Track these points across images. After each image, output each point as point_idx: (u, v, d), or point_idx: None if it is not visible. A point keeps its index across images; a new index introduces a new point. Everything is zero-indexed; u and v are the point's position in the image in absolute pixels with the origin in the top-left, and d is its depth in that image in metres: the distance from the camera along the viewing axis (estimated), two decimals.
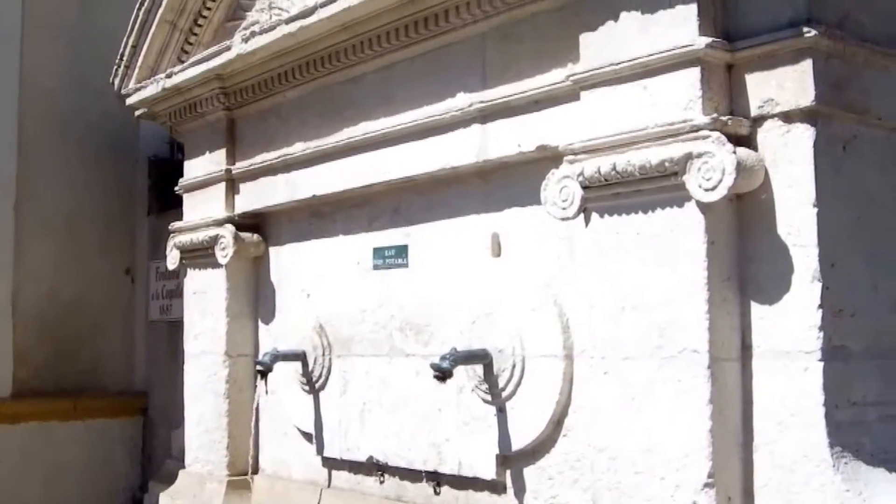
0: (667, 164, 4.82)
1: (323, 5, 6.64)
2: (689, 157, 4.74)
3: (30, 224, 10.78)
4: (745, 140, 4.84)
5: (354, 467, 7.18)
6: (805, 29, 4.64)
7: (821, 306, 4.61)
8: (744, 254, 4.89)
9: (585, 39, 5.34)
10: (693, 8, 4.89)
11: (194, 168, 8.59)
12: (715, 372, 4.77)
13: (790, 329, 4.69)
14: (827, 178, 4.72)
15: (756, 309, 4.83)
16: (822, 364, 4.60)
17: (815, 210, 4.66)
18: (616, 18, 5.19)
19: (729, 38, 4.92)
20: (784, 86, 4.75)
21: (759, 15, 4.89)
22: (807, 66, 4.69)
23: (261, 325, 8.19)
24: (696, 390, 4.78)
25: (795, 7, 4.75)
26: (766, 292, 4.80)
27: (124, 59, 8.79)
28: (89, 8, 11.24)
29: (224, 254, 7.95)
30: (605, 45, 5.23)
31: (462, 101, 6.13)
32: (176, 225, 8.63)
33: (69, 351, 11.04)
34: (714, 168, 4.65)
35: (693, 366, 4.79)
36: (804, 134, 4.72)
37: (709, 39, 4.83)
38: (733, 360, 4.85)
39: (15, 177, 10.72)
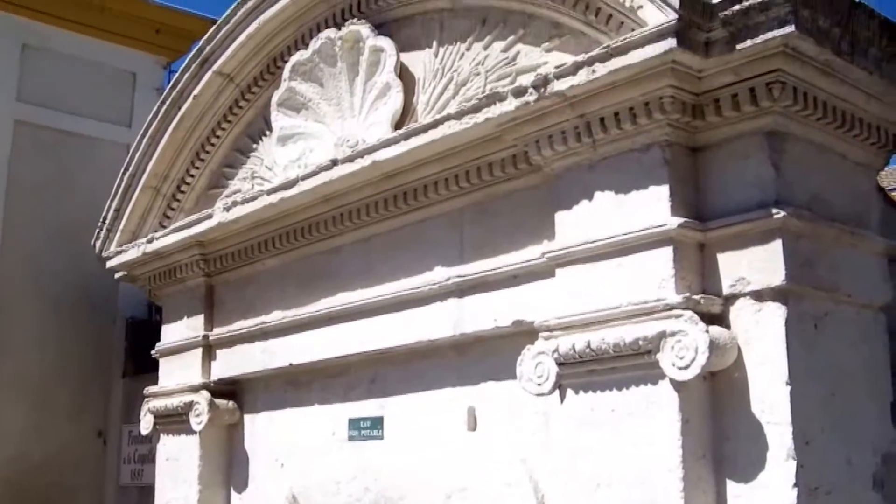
0: (640, 342, 4.87)
1: (304, 178, 6.78)
2: (662, 335, 4.80)
3: (2, 383, 10.69)
4: (717, 318, 4.92)
5: None
6: (774, 210, 4.77)
7: (796, 485, 4.61)
8: (718, 431, 4.91)
9: (561, 217, 5.47)
10: (665, 189, 5.02)
11: (172, 333, 8.59)
12: None
13: None
14: (799, 356, 4.78)
15: (732, 487, 4.82)
16: None
17: (789, 388, 4.70)
18: (591, 198, 5.33)
19: (701, 219, 5.05)
20: (755, 265, 4.86)
21: (729, 196, 5.02)
22: (777, 246, 4.80)
23: (233, 493, 8.07)
24: None
25: (764, 188, 4.89)
26: (741, 470, 4.79)
27: (106, 222, 8.88)
28: (72, 170, 11.38)
29: (198, 420, 7.89)
30: (579, 223, 5.35)
31: (440, 274, 6.21)
32: (151, 389, 8.59)
33: None
34: (687, 347, 4.71)
35: None
36: (776, 312, 4.80)
37: (681, 220, 4.95)
38: None
39: None
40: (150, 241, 8.36)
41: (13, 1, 11.03)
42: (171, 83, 8.32)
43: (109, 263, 8.92)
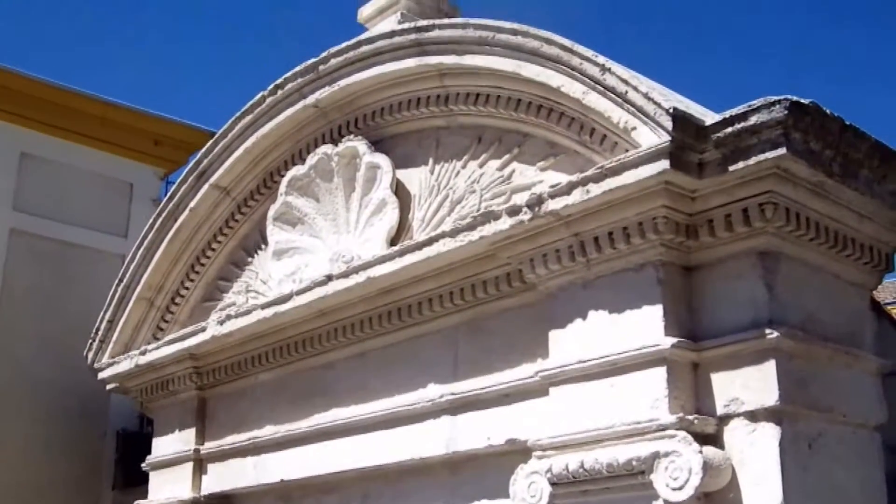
0: (634, 462, 4.84)
1: (299, 292, 6.79)
2: (655, 456, 4.78)
3: None
4: (711, 438, 4.90)
5: None
6: (767, 330, 4.79)
7: None
8: None
9: (555, 336, 5.48)
10: (659, 309, 5.04)
11: (163, 446, 8.51)
12: None
13: None
14: (794, 476, 4.75)
15: None
16: None
17: None
18: (584, 317, 5.35)
19: (694, 338, 5.06)
20: (749, 385, 4.85)
21: (723, 315, 5.04)
22: (770, 366, 4.81)
23: None
24: None
25: (758, 308, 4.91)
26: None
27: (99, 333, 8.86)
28: (67, 280, 11.36)
29: None
30: (573, 342, 5.36)
31: (433, 392, 6.19)
32: (141, 503, 8.48)
33: None
34: (681, 468, 4.68)
35: None
36: (770, 433, 4.78)
37: (674, 340, 4.96)
38: None
39: None
40: (142, 353, 8.33)
41: (13, 110, 11.15)
42: (168, 195, 8.38)
43: (102, 375, 8.87)
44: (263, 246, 7.76)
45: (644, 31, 37.66)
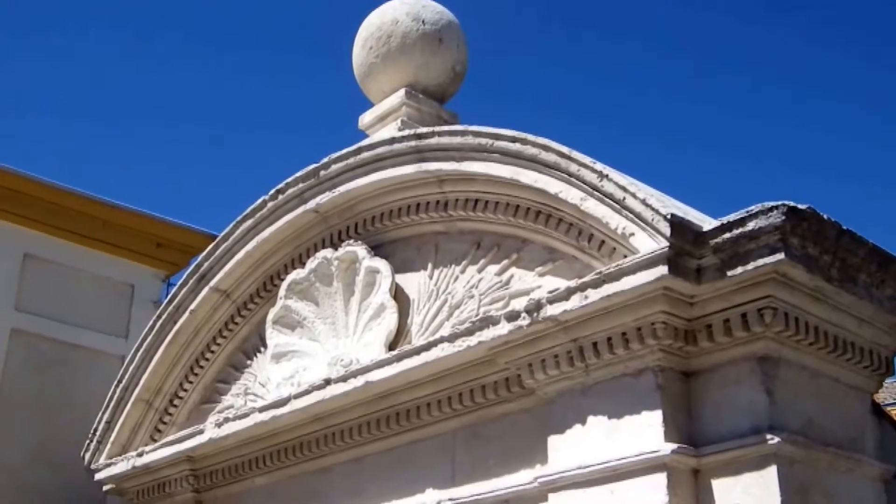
0: None
1: (297, 396, 6.77)
2: None
3: None
4: None
5: None
6: (768, 436, 4.76)
7: None
8: None
9: (553, 442, 5.45)
10: (658, 415, 5.02)
11: None
12: None
13: None
14: None
15: None
16: None
17: None
18: (584, 423, 5.32)
19: (694, 444, 5.03)
20: (750, 491, 4.81)
21: (723, 421, 5.02)
22: (771, 472, 4.77)
23: None
24: None
25: (757, 414, 4.90)
26: None
27: (97, 433, 8.81)
28: (66, 380, 11.27)
29: None
30: (572, 448, 5.33)
31: (431, 497, 6.14)
32: None
33: None
34: None
35: None
36: None
37: (674, 446, 4.93)
38: None
39: None
40: (140, 455, 8.27)
41: (16, 211, 11.20)
42: (169, 298, 8.39)
43: (98, 476, 8.80)
44: (262, 349, 7.74)
45: (643, 134, 38.05)
